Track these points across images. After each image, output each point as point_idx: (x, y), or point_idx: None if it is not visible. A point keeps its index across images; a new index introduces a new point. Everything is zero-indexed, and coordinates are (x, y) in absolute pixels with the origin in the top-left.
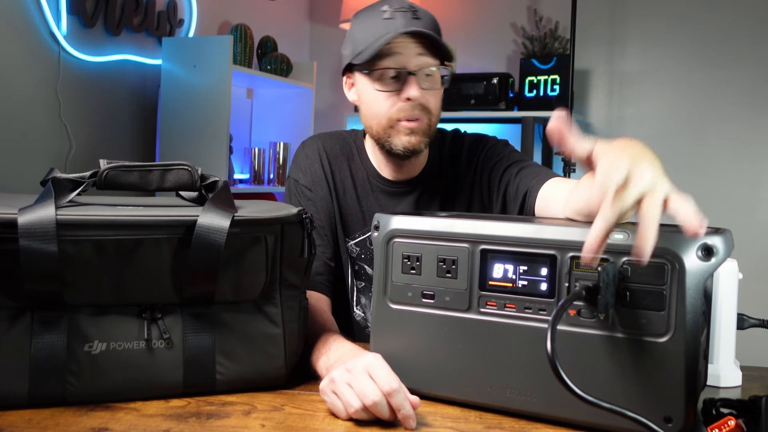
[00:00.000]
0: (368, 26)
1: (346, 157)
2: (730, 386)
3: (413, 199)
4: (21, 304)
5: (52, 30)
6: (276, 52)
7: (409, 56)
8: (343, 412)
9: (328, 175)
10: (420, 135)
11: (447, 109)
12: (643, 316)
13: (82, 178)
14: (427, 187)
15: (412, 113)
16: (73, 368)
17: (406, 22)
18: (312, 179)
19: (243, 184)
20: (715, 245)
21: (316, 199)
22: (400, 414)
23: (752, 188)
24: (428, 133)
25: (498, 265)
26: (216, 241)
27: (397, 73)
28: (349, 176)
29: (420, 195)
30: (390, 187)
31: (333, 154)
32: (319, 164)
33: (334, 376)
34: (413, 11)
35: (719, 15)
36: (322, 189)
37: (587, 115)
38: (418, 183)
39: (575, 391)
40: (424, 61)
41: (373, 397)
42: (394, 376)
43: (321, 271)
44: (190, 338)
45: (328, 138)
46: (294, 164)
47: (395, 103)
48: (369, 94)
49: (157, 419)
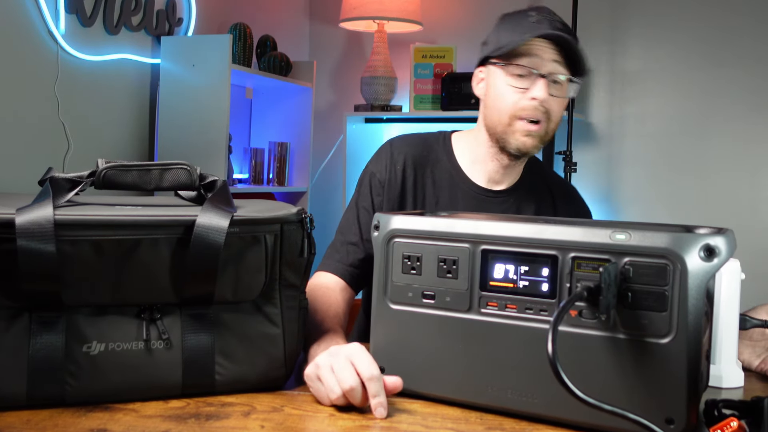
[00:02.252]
0: (514, 26)
1: (431, 163)
2: (733, 387)
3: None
4: (19, 304)
5: (50, 29)
6: (275, 52)
7: (544, 60)
8: (326, 399)
9: (408, 179)
10: (536, 139)
11: (447, 108)
12: (644, 317)
13: (81, 178)
14: (515, 202)
15: (534, 113)
16: (72, 369)
17: (551, 27)
18: (389, 177)
19: (242, 183)
20: (717, 245)
21: (385, 196)
22: (374, 401)
23: (754, 188)
24: (544, 139)
25: (499, 266)
26: (215, 240)
27: (528, 73)
28: (432, 182)
29: (508, 208)
30: (480, 193)
31: (419, 162)
32: (402, 167)
33: (318, 361)
34: (560, 22)
35: (721, 14)
36: (395, 189)
37: (588, 114)
38: (508, 195)
39: (576, 393)
40: (556, 67)
41: (351, 382)
42: (375, 364)
43: (358, 265)
44: (189, 339)
45: (415, 143)
46: (376, 157)
47: (520, 101)
48: (499, 88)
49: (156, 420)
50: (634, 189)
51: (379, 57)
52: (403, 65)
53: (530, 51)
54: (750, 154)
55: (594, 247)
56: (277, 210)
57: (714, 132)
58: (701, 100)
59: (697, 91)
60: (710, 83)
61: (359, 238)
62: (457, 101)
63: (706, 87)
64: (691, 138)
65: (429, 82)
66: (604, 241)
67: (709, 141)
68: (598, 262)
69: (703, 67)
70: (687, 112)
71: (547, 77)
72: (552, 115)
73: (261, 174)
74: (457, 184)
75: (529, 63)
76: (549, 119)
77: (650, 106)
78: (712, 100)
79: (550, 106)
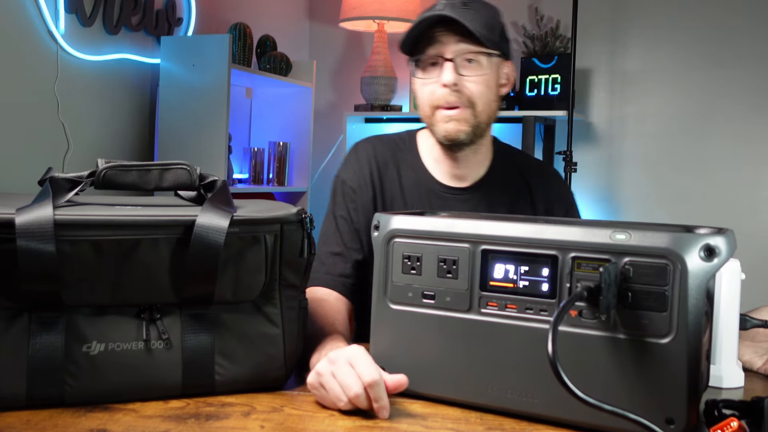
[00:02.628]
0: (419, 18)
1: (396, 163)
2: (733, 387)
3: (468, 208)
4: (19, 304)
5: (50, 29)
6: (275, 51)
7: (447, 44)
8: (333, 406)
9: (375, 182)
10: (461, 123)
11: None
12: (644, 317)
13: (80, 178)
14: (483, 198)
15: (448, 99)
16: (72, 369)
17: (448, 11)
18: (359, 182)
19: (242, 183)
20: (717, 245)
21: (358, 202)
22: (377, 405)
23: (755, 188)
24: (470, 122)
25: (499, 266)
26: (215, 240)
27: (437, 60)
28: (398, 183)
29: (476, 205)
30: (445, 192)
31: (383, 161)
32: (369, 170)
33: (320, 369)
34: (464, 3)
35: (721, 14)
36: (367, 194)
37: (588, 114)
38: (475, 191)
39: (576, 393)
40: (462, 48)
41: (356, 389)
42: (374, 366)
43: (348, 274)
44: (189, 339)
45: (381, 144)
46: (344, 164)
47: (434, 90)
48: (416, 83)
49: (156, 420)
50: (634, 189)
51: (379, 57)
52: (403, 65)
53: (432, 39)
54: (750, 154)
55: (594, 247)
56: (277, 210)
57: (714, 132)
58: (701, 100)
59: (698, 91)
60: (710, 83)
61: (343, 247)
62: None
63: (706, 87)
64: (692, 138)
65: None
66: (604, 241)
67: (709, 141)
68: (598, 262)
69: (703, 67)
70: (687, 112)
71: (454, 60)
72: (472, 95)
73: (261, 174)
74: (423, 183)
75: (434, 51)
76: (471, 102)
77: (650, 106)
78: (712, 100)
79: (466, 88)
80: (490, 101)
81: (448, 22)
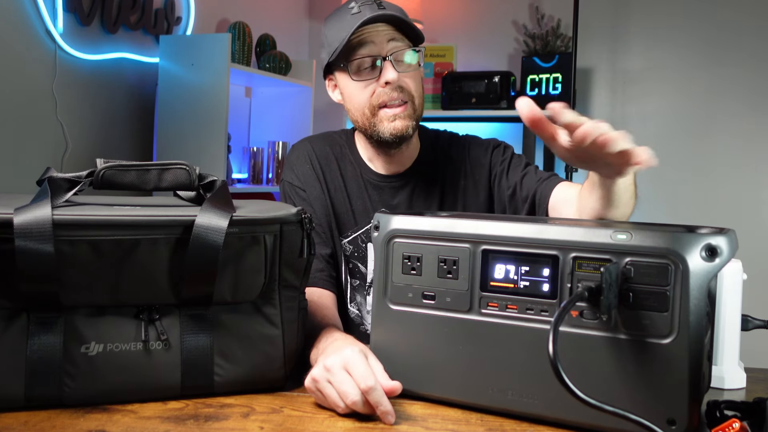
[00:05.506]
0: (339, 24)
1: (336, 157)
2: (734, 388)
3: (406, 194)
4: (17, 305)
5: (48, 28)
6: (275, 51)
7: (380, 43)
8: (332, 408)
9: (319, 175)
10: (405, 119)
11: (448, 108)
12: (646, 318)
13: (79, 178)
14: (420, 181)
15: (392, 96)
16: (70, 370)
17: (372, 12)
18: (304, 180)
19: (241, 183)
20: (719, 245)
21: (310, 198)
22: (379, 410)
23: (757, 188)
24: (413, 116)
25: (499, 266)
26: (214, 241)
27: (372, 61)
28: (339, 176)
29: (413, 189)
30: (382, 181)
31: (323, 155)
32: (310, 165)
33: (315, 375)
34: (378, 3)
35: (723, 13)
36: (315, 188)
37: (590, 113)
38: (410, 176)
39: (578, 394)
40: (396, 45)
41: (353, 397)
42: (369, 371)
43: (322, 268)
44: (188, 339)
45: (317, 140)
46: (286, 167)
47: (375, 90)
48: (350, 87)
49: (155, 421)
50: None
51: None
52: None
53: (365, 40)
54: (752, 153)
55: (595, 247)
56: (276, 210)
57: (716, 132)
58: (703, 99)
59: (699, 90)
60: (712, 83)
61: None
62: (458, 100)
63: (707, 86)
64: (693, 137)
65: (429, 81)
66: (605, 241)
67: (710, 140)
68: (599, 262)
69: (705, 66)
70: (689, 111)
71: (390, 58)
72: (411, 91)
73: (260, 174)
74: (361, 174)
75: (369, 52)
76: (410, 95)
77: (652, 105)
78: (714, 100)
79: (406, 84)
80: (422, 94)
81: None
